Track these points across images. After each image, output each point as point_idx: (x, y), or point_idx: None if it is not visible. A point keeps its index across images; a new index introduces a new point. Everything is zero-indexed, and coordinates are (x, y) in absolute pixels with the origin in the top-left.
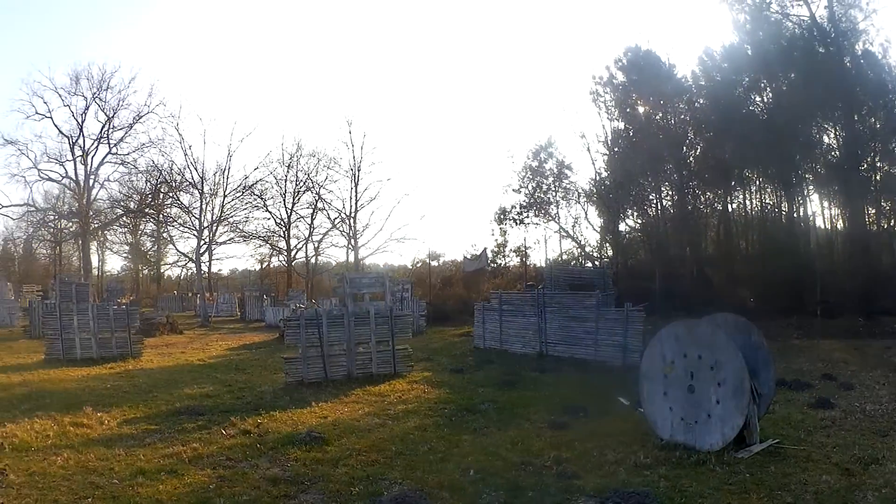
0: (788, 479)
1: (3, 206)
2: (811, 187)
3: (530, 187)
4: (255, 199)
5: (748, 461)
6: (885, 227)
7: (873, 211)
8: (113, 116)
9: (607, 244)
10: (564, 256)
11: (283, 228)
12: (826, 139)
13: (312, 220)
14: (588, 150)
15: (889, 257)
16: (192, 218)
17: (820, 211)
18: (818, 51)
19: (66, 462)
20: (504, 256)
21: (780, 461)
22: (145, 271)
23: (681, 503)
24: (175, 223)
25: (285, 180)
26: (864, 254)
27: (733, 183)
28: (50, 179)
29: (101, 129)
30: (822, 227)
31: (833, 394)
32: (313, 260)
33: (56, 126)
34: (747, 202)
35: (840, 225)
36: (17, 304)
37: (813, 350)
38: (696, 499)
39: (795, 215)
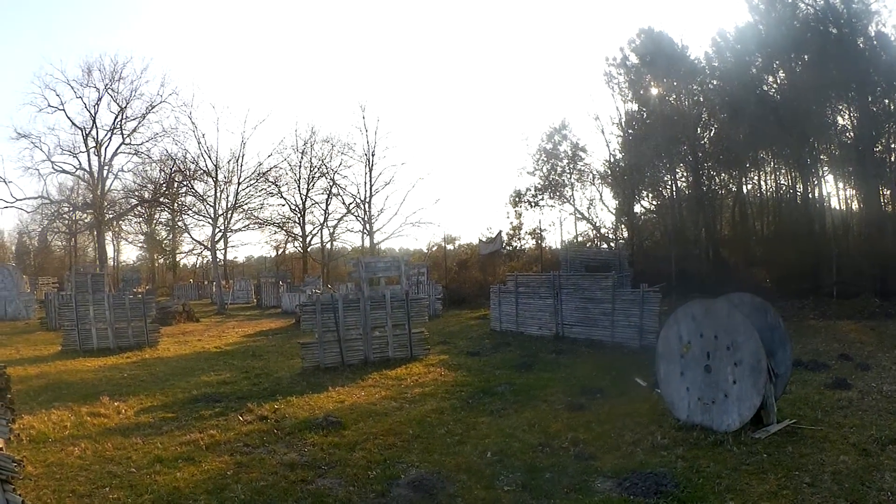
0: (806, 459)
1: (17, 200)
2: (826, 168)
3: (545, 169)
4: (270, 186)
5: (765, 441)
6: None
7: (888, 192)
8: (126, 107)
9: (622, 226)
10: (580, 238)
11: (298, 214)
12: (840, 120)
13: (327, 205)
14: (602, 131)
15: None
16: (207, 206)
17: (835, 192)
18: (831, 32)
19: (84, 452)
20: (519, 239)
21: (798, 441)
22: (161, 260)
23: (699, 484)
24: (190, 212)
25: (299, 166)
26: (880, 235)
27: (748, 164)
28: (64, 171)
29: (115, 120)
30: (838, 208)
31: (850, 374)
32: (329, 245)
33: (69, 118)
34: (762, 183)
35: (855, 206)
36: (33, 297)
37: (829, 331)
38: (713, 479)
39: (810, 196)
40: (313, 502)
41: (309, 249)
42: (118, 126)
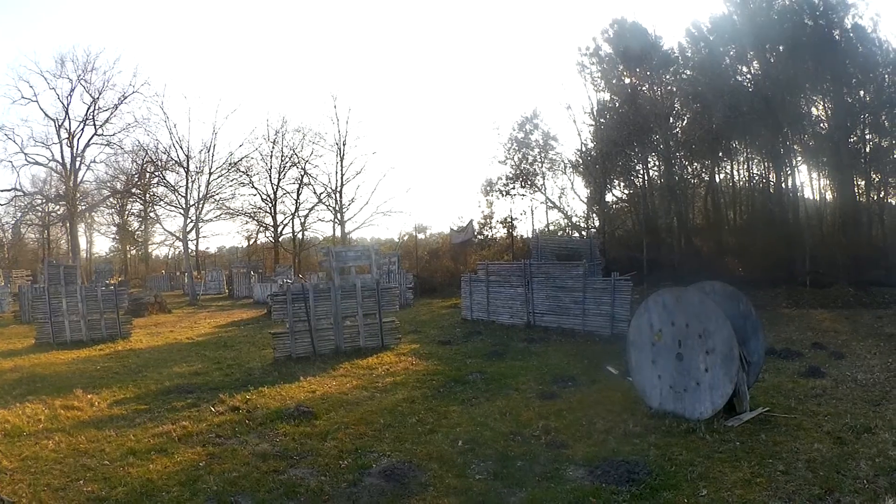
0: (779, 447)
1: None
2: (799, 158)
3: (516, 159)
4: (241, 176)
5: (738, 429)
6: (875, 198)
7: (863, 183)
8: (98, 98)
9: (594, 214)
10: (551, 227)
11: (270, 204)
12: (815, 111)
13: (298, 195)
14: (574, 121)
15: (879, 228)
16: (179, 196)
17: (808, 182)
18: (807, 24)
19: (58, 445)
20: (491, 228)
21: (771, 429)
22: (133, 252)
23: (671, 472)
24: (161, 202)
25: (271, 156)
26: (855, 225)
27: (720, 153)
28: (37, 163)
29: (87, 111)
30: (811, 198)
31: (824, 363)
32: (300, 235)
33: (42, 109)
34: (735, 173)
35: (829, 196)
36: (7, 290)
37: (803, 319)
38: (686, 467)
39: (783, 186)
40: (285, 492)
41: (280, 239)
42: (91, 117)
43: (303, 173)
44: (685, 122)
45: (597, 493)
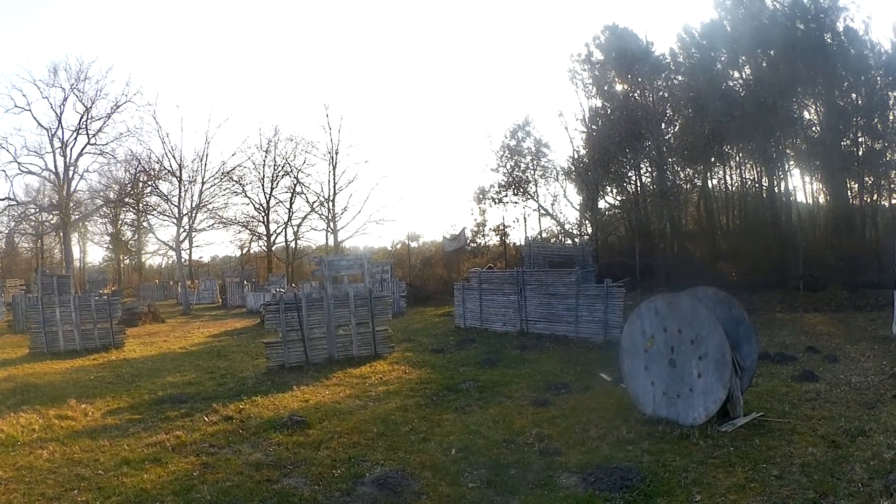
0: (774, 451)
1: None
2: (792, 162)
3: (508, 166)
4: (234, 185)
5: (732, 434)
6: (868, 201)
7: (856, 185)
8: (91, 107)
9: (587, 221)
10: (544, 234)
11: (263, 213)
12: (807, 115)
13: (291, 204)
14: (566, 128)
15: (872, 231)
16: (172, 206)
17: (801, 186)
18: (798, 28)
19: (52, 455)
20: (483, 236)
21: (765, 434)
22: (126, 261)
23: (665, 478)
24: (154, 212)
25: (263, 165)
26: (848, 228)
27: (713, 158)
28: (30, 172)
29: (80, 120)
30: (804, 201)
31: (818, 366)
32: (293, 244)
33: (35, 118)
34: (727, 178)
35: (822, 200)
36: (0, 300)
37: (796, 323)
38: (680, 473)
39: (776, 190)
40: (279, 502)
41: (273, 248)
42: (83, 126)
43: (295, 182)
44: (677, 127)
45: (590, 499)
